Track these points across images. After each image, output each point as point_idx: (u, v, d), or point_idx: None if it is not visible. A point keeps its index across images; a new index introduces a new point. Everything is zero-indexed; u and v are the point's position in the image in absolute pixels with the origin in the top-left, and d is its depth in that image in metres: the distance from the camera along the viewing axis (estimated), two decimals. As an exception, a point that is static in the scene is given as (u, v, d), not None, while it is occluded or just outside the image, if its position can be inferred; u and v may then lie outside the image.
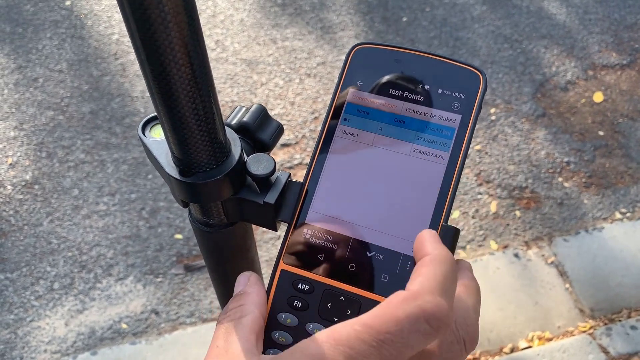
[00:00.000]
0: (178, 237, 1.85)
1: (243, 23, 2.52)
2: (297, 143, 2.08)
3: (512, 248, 1.81)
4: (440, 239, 0.34)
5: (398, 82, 0.38)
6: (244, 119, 0.41)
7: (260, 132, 0.42)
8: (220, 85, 2.26)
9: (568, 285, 1.72)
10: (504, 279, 1.73)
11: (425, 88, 0.38)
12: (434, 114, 0.38)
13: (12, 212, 1.91)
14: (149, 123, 0.41)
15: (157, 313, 1.69)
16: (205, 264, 0.46)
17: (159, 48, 0.29)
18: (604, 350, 1.57)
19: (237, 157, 0.37)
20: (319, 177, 0.38)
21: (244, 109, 0.42)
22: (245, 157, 0.39)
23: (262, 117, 0.42)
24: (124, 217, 1.90)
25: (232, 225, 0.41)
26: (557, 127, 2.15)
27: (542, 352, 1.57)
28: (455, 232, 0.36)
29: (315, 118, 2.16)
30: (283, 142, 2.08)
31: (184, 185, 0.37)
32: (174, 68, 0.30)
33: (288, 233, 0.38)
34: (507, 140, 2.10)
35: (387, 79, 0.39)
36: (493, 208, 1.91)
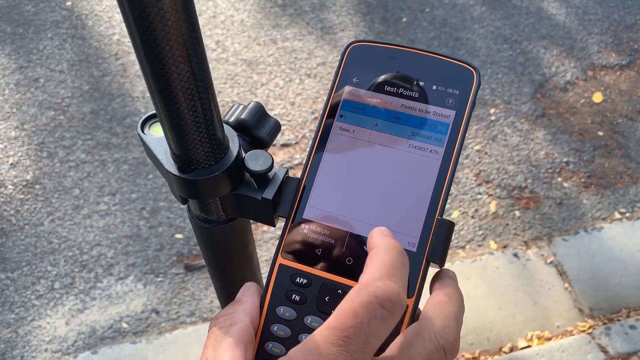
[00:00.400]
0: (178, 236, 1.86)
1: (243, 23, 2.53)
2: (297, 143, 2.09)
3: (511, 248, 1.82)
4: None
5: (393, 79, 0.39)
6: (242, 117, 0.42)
7: (258, 129, 0.42)
8: (221, 86, 2.27)
9: (567, 285, 1.72)
10: (504, 279, 1.73)
11: (420, 84, 0.39)
12: (429, 110, 0.38)
13: (13, 211, 1.91)
14: (148, 121, 0.41)
15: (157, 312, 1.70)
16: (204, 260, 0.47)
17: (158, 45, 0.29)
18: (603, 350, 1.58)
19: (235, 153, 0.38)
20: (316, 173, 0.38)
21: (242, 107, 0.43)
22: (243, 153, 0.39)
23: (259, 114, 0.42)
24: (125, 216, 1.90)
25: (230, 222, 0.42)
26: (556, 127, 2.15)
27: (541, 351, 1.58)
28: (450, 225, 0.36)
29: (315, 118, 2.16)
30: (283, 142, 2.08)
31: (183, 182, 0.38)
32: (173, 65, 0.31)
33: (286, 228, 0.38)
34: (506, 141, 2.10)
35: (382, 76, 0.39)
36: (492, 208, 1.92)
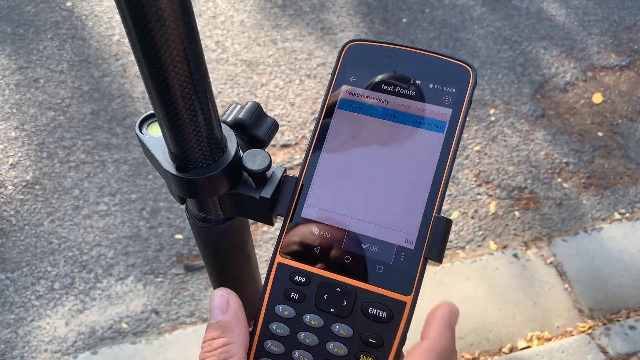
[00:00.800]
0: (178, 237, 1.86)
1: (243, 24, 2.53)
2: (297, 144, 2.09)
3: (511, 248, 1.82)
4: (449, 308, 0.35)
5: (390, 77, 0.39)
6: (240, 116, 0.42)
7: (256, 128, 0.42)
8: (221, 86, 2.27)
9: (567, 286, 1.72)
10: (503, 279, 1.73)
11: (417, 83, 0.39)
12: (426, 108, 0.38)
13: (13, 212, 1.92)
14: (147, 120, 0.42)
15: (157, 313, 1.70)
16: (203, 260, 0.47)
17: (155, 45, 0.30)
18: (603, 350, 1.58)
19: (233, 153, 0.38)
20: (314, 171, 0.38)
21: (239, 106, 0.43)
22: (241, 153, 0.39)
23: (257, 113, 0.43)
24: (125, 217, 1.90)
25: (229, 221, 0.42)
26: (556, 127, 2.15)
27: (541, 352, 1.57)
28: (447, 222, 0.36)
29: (315, 119, 2.16)
30: (283, 142, 2.08)
31: (181, 181, 0.38)
32: (170, 65, 0.31)
33: (284, 227, 0.38)
34: (506, 141, 2.10)
35: (379, 75, 0.39)
36: (492, 208, 1.92)
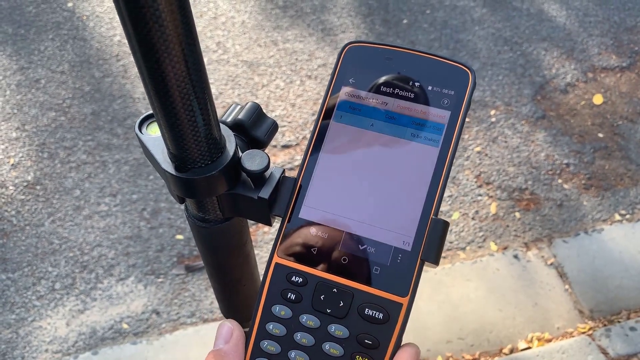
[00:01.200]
0: (179, 237, 1.86)
1: (244, 25, 2.53)
2: (297, 144, 2.09)
3: (511, 249, 1.82)
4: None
5: (389, 79, 0.39)
6: (239, 117, 0.42)
7: (255, 129, 0.42)
8: (222, 87, 2.27)
9: (567, 287, 1.72)
10: (504, 280, 1.73)
11: (416, 85, 0.39)
12: (424, 111, 0.38)
13: (14, 212, 1.92)
14: (146, 120, 0.42)
15: (158, 313, 1.70)
16: (202, 259, 0.47)
17: (154, 45, 0.30)
18: (604, 352, 1.57)
19: (231, 153, 0.38)
20: (312, 172, 0.39)
21: (239, 107, 0.43)
22: (240, 153, 0.39)
23: (256, 114, 0.43)
24: (125, 217, 1.91)
25: (227, 221, 0.42)
26: (556, 129, 2.15)
27: (541, 353, 1.57)
28: (445, 224, 0.37)
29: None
30: (284, 143, 2.08)
31: (180, 181, 0.38)
32: (169, 65, 0.31)
33: (282, 227, 0.38)
34: (507, 142, 2.10)
35: (378, 77, 0.39)
36: (493, 209, 1.92)
